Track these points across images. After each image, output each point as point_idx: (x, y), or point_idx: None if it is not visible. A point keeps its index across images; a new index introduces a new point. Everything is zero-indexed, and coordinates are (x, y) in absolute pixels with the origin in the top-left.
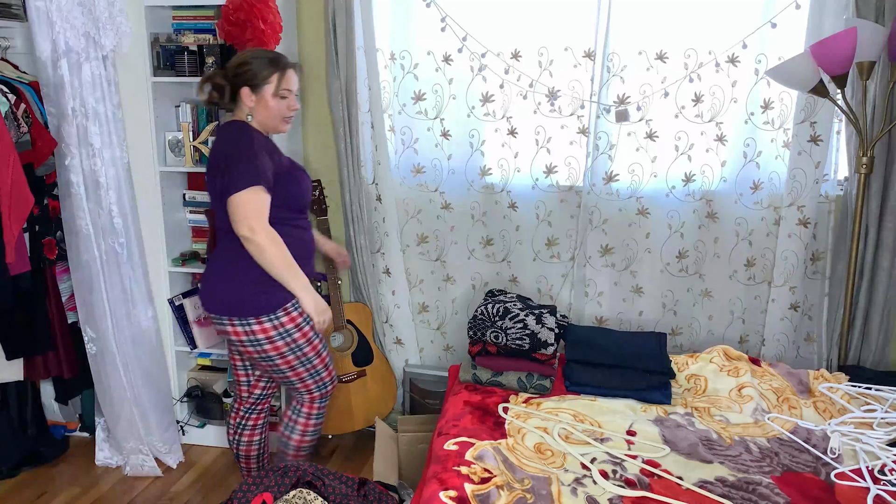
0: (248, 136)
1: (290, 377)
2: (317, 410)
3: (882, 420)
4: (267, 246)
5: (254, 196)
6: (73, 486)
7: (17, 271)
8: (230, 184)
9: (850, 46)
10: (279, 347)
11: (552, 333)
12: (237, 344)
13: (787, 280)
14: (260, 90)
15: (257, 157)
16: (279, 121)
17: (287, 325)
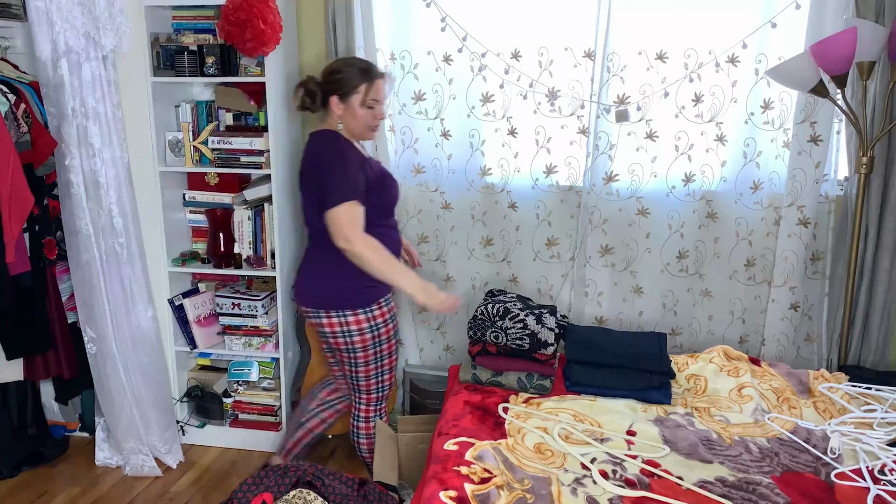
0: (339, 148)
1: (360, 373)
2: (373, 413)
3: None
4: (364, 253)
5: (349, 210)
6: (73, 486)
7: (17, 271)
8: (326, 199)
9: (850, 46)
10: (366, 340)
11: (552, 333)
12: (329, 336)
13: (787, 280)
14: (348, 99)
15: (349, 172)
16: (366, 129)
17: (378, 318)
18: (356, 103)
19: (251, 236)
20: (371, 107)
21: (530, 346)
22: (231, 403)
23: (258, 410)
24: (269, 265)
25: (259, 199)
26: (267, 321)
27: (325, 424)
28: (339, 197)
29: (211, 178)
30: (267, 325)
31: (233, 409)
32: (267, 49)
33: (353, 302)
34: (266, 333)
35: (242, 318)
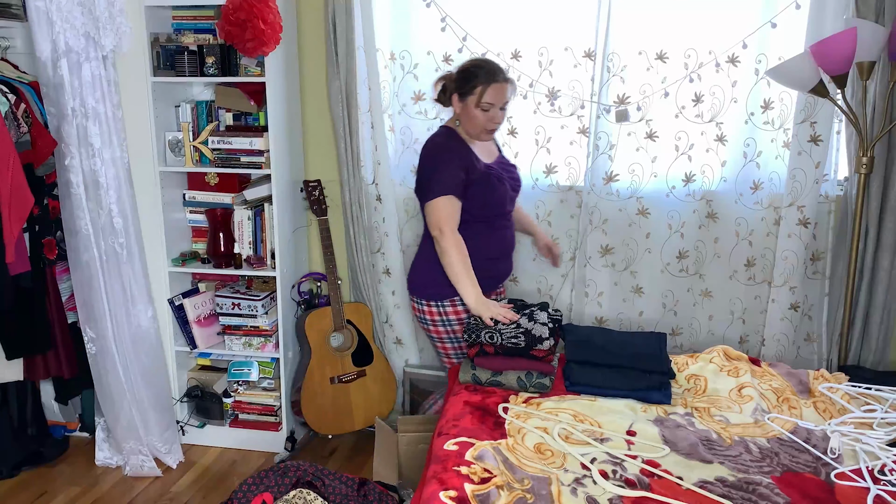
0: (445, 144)
1: (445, 363)
2: None
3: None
4: (449, 249)
5: (444, 203)
6: (73, 486)
7: (17, 271)
8: (427, 191)
9: (850, 46)
10: (440, 332)
11: (545, 328)
12: (418, 319)
13: (787, 280)
14: (466, 99)
15: (450, 168)
16: (480, 131)
17: (450, 315)
18: (472, 104)
19: (251, 236)
20: (486, 109)
21: (526, 344)
22: (231, 403)
23: (258, 410)
24: (269, 265)
25: (259, 199)
26: (267, 321)
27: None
28: (437, 191)
29: (211, 178)
30: (267, 325)
31: (233, 409)
32: (267, 49)
33: (429, 294)
34: (266, 333)
35: (242, 318)
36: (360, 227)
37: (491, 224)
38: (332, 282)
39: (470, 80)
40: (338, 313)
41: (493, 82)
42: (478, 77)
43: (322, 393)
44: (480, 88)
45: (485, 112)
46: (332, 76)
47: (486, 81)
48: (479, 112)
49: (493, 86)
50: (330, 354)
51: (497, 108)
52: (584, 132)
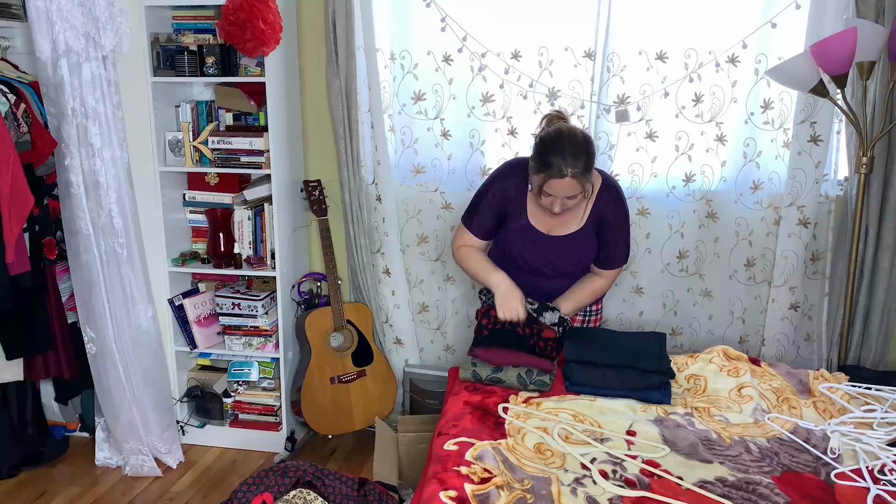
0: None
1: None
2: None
3: (882, 420)
4: (459, 263)
5: (461, 232)
6: (73, 486)
7: (17, 271)
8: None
9: (850, 46)
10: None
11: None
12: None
13: (787, 280)
14: (532, 173)
15: (483, 207)
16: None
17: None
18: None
19: (251, 236)
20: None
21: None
22: (231, 403)
23: (258, 410)
24: (269, 265)
25: (259, 199)
26: (267, 321)
27: None
28: (465, 217)
29: (211, 178)
30: (267, 325)
31: (233, 409)
32: (267, 49)
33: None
34: (266, 333)
35: (242, 318)
36: (360, 227)
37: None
38: (332, 282)
39: (537, 158)
40: (338, 313)
41: (556, 178)
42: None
43: (322, 393)
44: (541, 177)
45: (546, 197)
46: (332, 76)
47: (549, 175)
48: (542, 195)
49: (553, 181)
50: (330, 354)
51: (560, 200)
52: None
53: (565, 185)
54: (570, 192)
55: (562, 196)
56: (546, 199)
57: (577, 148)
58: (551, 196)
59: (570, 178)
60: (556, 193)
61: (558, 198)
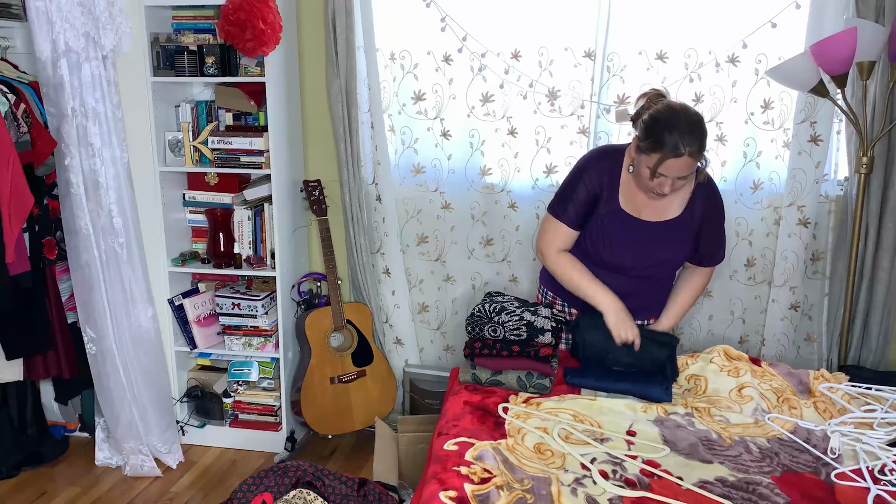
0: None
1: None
2: None
3: (882, 420)
4: (554, 270)
5: (549, 223)
6: (73, 486)
7: (16, 271)
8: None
9: (850, 46)
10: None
11: (548, 321)
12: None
13: (787, 280)
14: (641, 153)
15: (575, 191)
16: (645, 189)
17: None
18: (644, 162)
19: (251, 236)
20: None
21: (528, 335)
22: (231, 403)
23: (258, 410)
24: (269, 265)
25: (259, 199)
26: (267, 321)
27: None
28: (552, 207)
29: (211, 178)
30: (267, 325)
31: (233, 409)
32: (267, 49)
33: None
34: (266, 333)
35: (242, 318)
36: (360, 227)
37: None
38: (332, 282)
39: (650, 137)
40: (338, 313)
41: (673, 156)
42: (658, 146)
43: (322, 393)
44: (658, 158)
45: (656, 178)
46: (332, 76)
47: (666, 155)
48: (651, 175)
49: (670, 160)
50: (330, 354)
51: (671, 180)
52: (584, 132)
53: (681, 163)
54: (685, 172)
55: (675, 176)
56: (657, 180)
57: (693, 125)
58: (663, 176)
59: (687, 156)
60: (669, 174)
61: (670, 178)
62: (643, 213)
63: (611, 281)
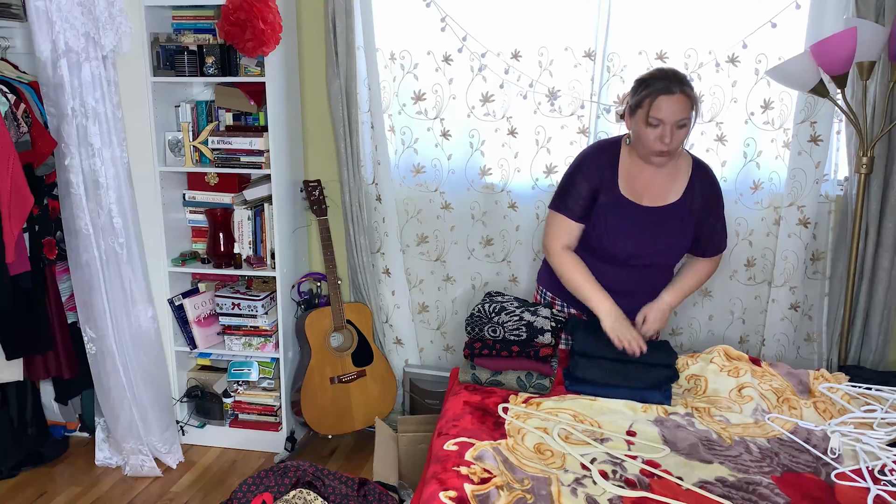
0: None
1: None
2: None
3: (882, 420)
4: (558, 267)
5: (553, 218)
6: (73, 486)
7: (16, 271)
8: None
9: (850, 46)
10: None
11: (548, 321)
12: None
13: (787, 280)
14: (636, 113)
15: (575, 185)
16: (649, 151)
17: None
18: (640, 119)
19: (251, 236)
20: (654, 125)
21: (528, 335)
22: (231, 403)
23: (258, 410)
24: (269, 265)
25: (259, 199)
26: (267, 321)
27: None
28: (555, 203)
29: (211, 178)
30: (267, 325)
31: (233, 409)
32: (267, 49)
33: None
34: (266, 333)
35: (242, 318)
36: (360, 227)
37: (587, 248)
38: (332, 282)
39: (640, 90)
40: (338, 313)
41: (664, 94)
42: (648, 87)
43: (322, 393)
44: (649, 100)
45: (653, 128)
46: (332, 76)
47: (656, 93)
48: (648, 129)
49: (662, 98)
50: (330, 354)
51: (669, 127)
52: (584, 132)
53: (675, 102)
54: (682, 114)
55: (672, 120)
56: (655, 130)
57: (677, 73)
58: (660, 123)
59: (680, 94)
60: (665, 117)
61: (668, 124)
62: (644, 199)
63: (613, 275)
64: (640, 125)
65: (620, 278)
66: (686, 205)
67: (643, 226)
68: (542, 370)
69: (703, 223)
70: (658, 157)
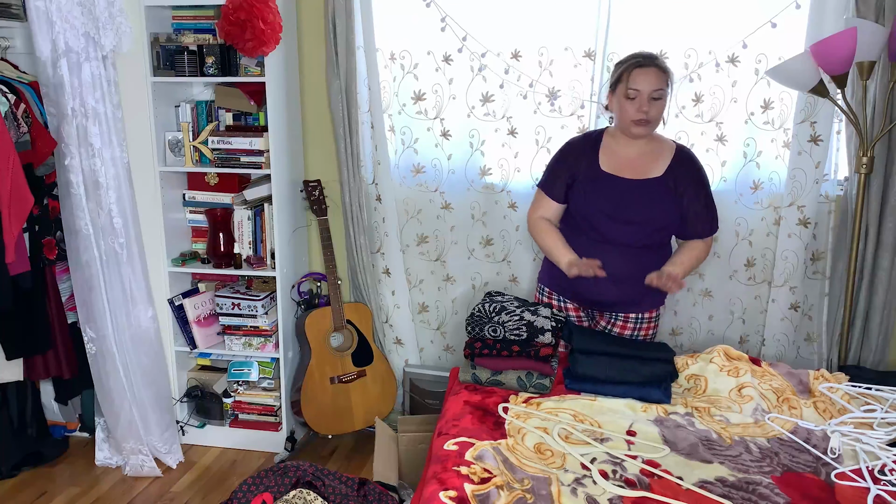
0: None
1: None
2: None
3: (882, 420)
4: (532, 231)
5: (537, 195)
6: (73, 486)
7: (16, 271)
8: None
9: (850, 46)
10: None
11: (548, 321)
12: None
13: (787, 280)
14: (616, 89)
15: (555, 168)
16: (629, 123)
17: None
18: (621, 94)
19: (251, 236)
20: (632, 97)
21: (528, 335)
22: (231, 403)
23: (258, 410)
24: (269, 265)
25: (259, 199)
26: (267, 321)
27: None
28: (540, 181)
29: (211, 178)
30: (267, 325)
31: (233, 409)
32: (267, 49)
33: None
34: (266, 333)
35: (242, 318)
36: (360, 227)
37: (578, 231)
38: (332, 282)
39: (617, 68)
40: (338, 313)
41: (640, 66)
42: (624, 63)
43: (322, 393)
44: (626, 74)
45: (631, 101)
46: (332, 76)
47: (631, 66)
48: (627, 102)
49: (638, 70)
50: (330, 354)
51: (646, 97)
52: (584, 132)
53: (651, 73)
54: (656, 84)
55: (648, 90)
56: (633, 102)
57: (651, 52)
58: (638, 94)
59: (654, 66)
60: (642, 87)
61: (645, 93)
62: (624, 173)
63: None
64: (621, 99)
65: (612, 260)
66: (668, 182)
67: (622, 193)
68: (543, 370)
69: (689, 206)
70: (637, 126)
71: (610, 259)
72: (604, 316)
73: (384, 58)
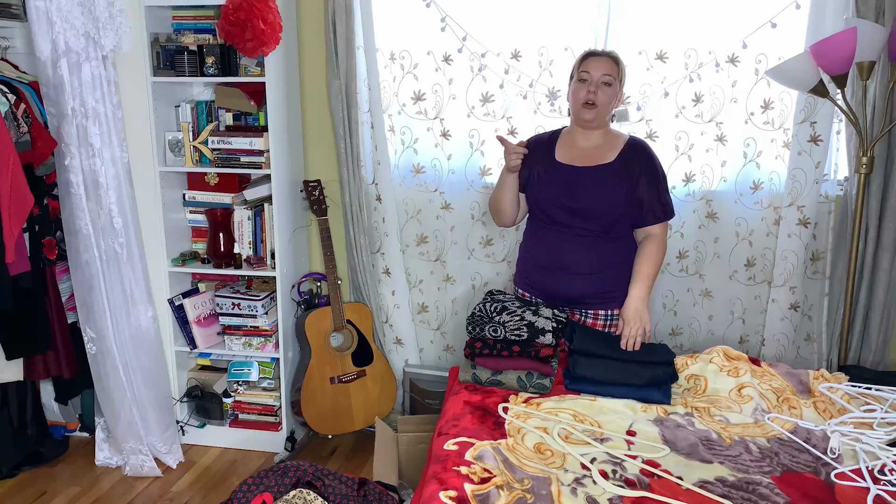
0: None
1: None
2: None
3: (882, 420)
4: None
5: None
6: (73, 486)
7: (16, 271)
8: None
9: (850, 46)
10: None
11: (549, 321)
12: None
13: (787, 280)
14: (571, 79)
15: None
16: (579, 108)
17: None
18: (575, 79)
19: (251, 236)
20: (583, 79)
21: (529, 335)
22: (231, 403)
23: (258, 410)
24: (269, 265)
25: (259, 199)
26: (267, 321)
27: None
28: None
29: (211, 178)
30: (267, 325)
31: (233, 409)
32: (267, 49)
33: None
34: (266, 333)
35: (242, 318)
36: (360, 227)
37: (540, 224)
38: (332, 282)
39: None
40: (338, 313)
41: (592, 56)
42: (582, 56)
43: (322, 393)
44: (580, 62)
45: (583, 83)
46: (332, 76)
47: (585, 56)
48: (579, 86)
49: (592, 57)
50: (330, 354)
51: (596, 80)
52: None
53: (602, 61)
54: (606, 70)
55: (598, 74)
56: (584, 85)
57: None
58: (588, 76)
59: (607, 56)
60: (592, 70)
61: (595, 77)
62: (577, 162)
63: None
64: (575, 85)
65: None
66: (619, 167)
67: (574, 180)
68: (543, 370)
69: (641, 191)
70: (587, 108)
71: (571, 252)
72: (574, 313)
73: (384, 58)
